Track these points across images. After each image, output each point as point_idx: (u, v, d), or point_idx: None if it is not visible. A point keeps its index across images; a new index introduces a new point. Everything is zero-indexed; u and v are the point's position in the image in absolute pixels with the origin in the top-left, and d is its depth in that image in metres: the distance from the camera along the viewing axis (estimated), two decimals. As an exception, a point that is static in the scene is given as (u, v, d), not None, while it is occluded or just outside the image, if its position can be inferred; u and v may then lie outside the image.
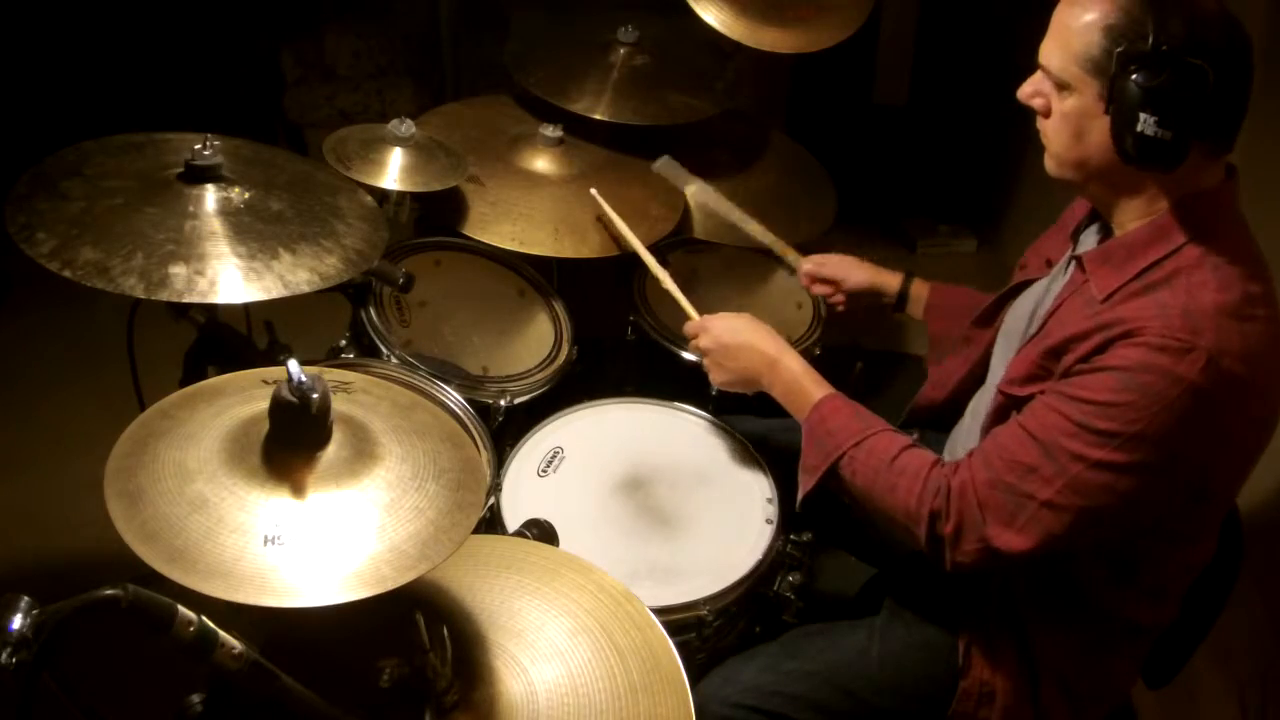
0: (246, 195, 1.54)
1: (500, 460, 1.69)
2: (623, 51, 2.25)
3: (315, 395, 1.03)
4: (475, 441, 1.69)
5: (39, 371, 2.68)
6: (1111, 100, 1.17)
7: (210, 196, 1.51)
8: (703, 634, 1.48)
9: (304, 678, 0.99)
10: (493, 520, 1.56)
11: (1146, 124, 1.14)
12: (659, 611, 1.31)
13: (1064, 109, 1.23)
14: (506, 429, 1.80)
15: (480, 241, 1.97)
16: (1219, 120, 1.18)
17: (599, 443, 1.73)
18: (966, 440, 1.49)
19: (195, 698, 1.12)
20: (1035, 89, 1.27)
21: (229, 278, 1.41)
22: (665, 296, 2.16)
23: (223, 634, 0.93)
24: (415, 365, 1.80)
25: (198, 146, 1.52)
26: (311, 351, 1.91)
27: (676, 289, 1.76)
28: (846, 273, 1.86)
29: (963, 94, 3.26)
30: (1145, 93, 1.14)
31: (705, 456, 1.72)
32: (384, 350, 1.81)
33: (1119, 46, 1.15)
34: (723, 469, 1.70)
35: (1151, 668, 1.48)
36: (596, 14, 2.36)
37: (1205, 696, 1.86)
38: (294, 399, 1.02)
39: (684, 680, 1.14)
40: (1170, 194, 1.22)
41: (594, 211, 2.05)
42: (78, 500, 1.74)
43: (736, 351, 1.56)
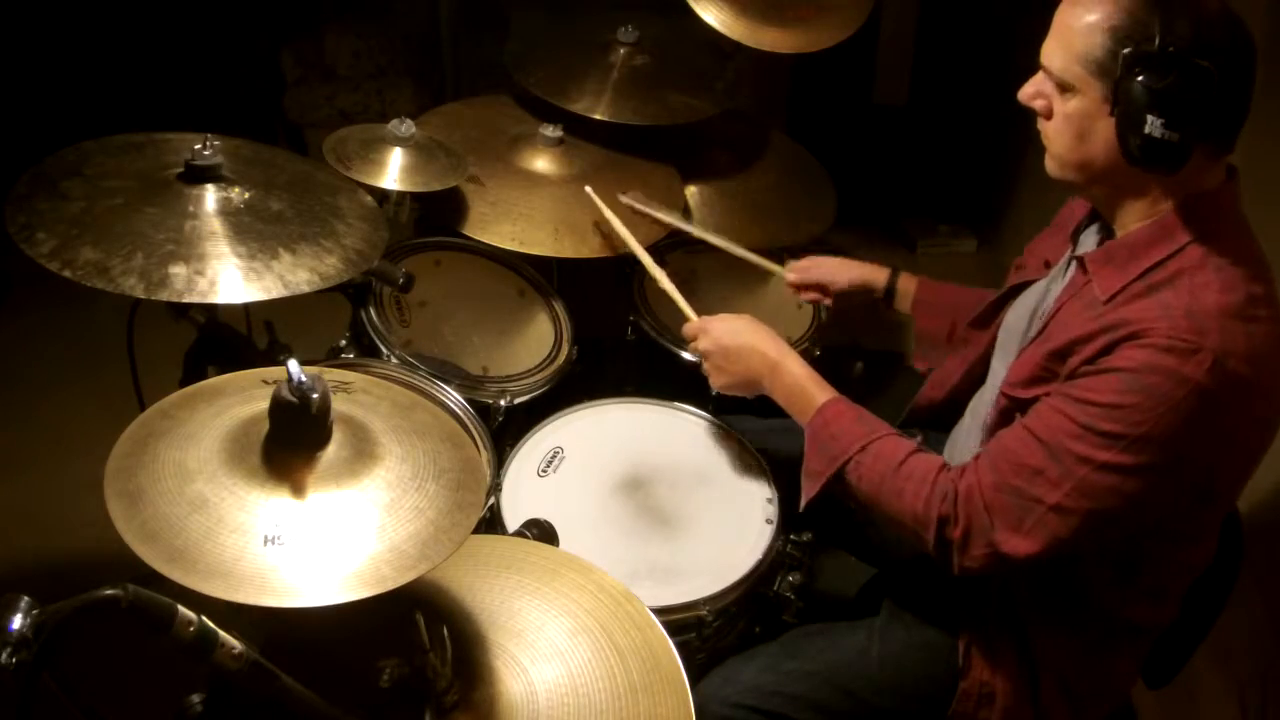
0: (246, 195, 1.54)
1: (500, 460, 1.69)
2: (623, 51, 2.25)
3: (315, 395, 1.03)
4: (475, 441, 1.69)
5: (39, 371, 2.68)
6: (1117, 102, 1.16)
7: (210, 196, 1.51)
8: (703, 634, 1.48)
9: (304, 678, 0.99)
10: (493, 520, 1.56)
11: (1153, 126, 1.13)
12: (659, 611, 1.31)
13: (1066, 110, 1.22)
14: (506, 429, 1.80)
15: (480, 241, 1.97)
16: (1222, 121, 1.17)
17: (599, 443, 1.73)
18: (966, 440, 1.49)
19: (195, 698, 1.12)
20: (1036, 90, 1.26)
21: (229, 278, 1.41)
22: (665, 296, 2.17)
23: (223, 634, 0.93)
24: (415, 365, 1.80)
25: (198, 146, 1.52)
26: (311, 351, 1.91)
27: (674, 289, 1.74)
28: (833, 274, 1.86)
29: (963, 94, 3.26)
30: (1152, 94, 1.13)
31: (705, 456, 1.72)
32: (384, 350, 1.81)
33: (1125, 48, 1.14)
34: (723, 469, 1.70)
35: (1151, 668, 1.48)
36: (596, 14, 2.36)
37: (1205, 696, 1.86)
38: (294, 399, 1.02)
39: (684, 680, 1.14)
40: (1172, 195, 1.21)
41: (594, 212, 2.05)
42: (78, 500, 1.74)
43: (737, 354, 1.54)
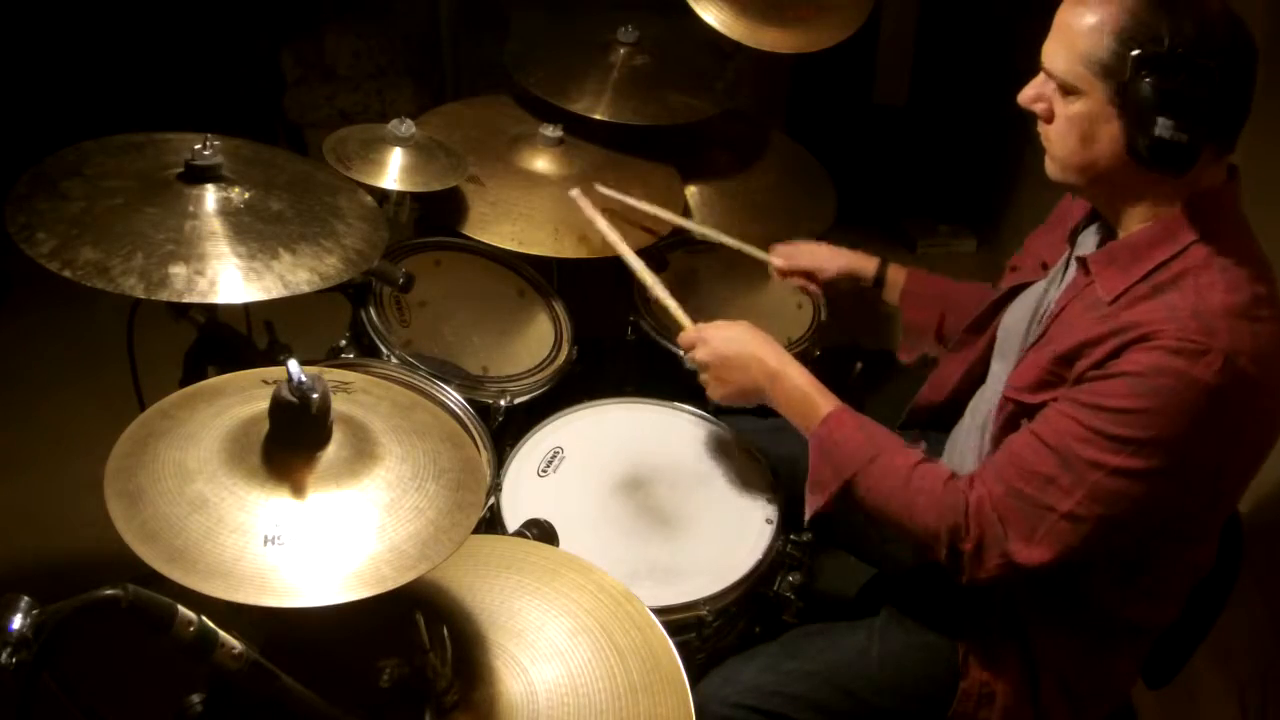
0: (246, 195, 1.54)
1: (500, 460, 1.69)
2: (623, 51, 2.25)
3: (315, 395, 1.03)
4: (475, 441, 1.69)
5: (39, 371, 2.68)
6: (1125, 104, 1.15)
7: (210, 196, 1.51)
8: (703, 634, 1.48)
9: (304, 678, 0.99)
10: (493, 520, 1.56)
11: (1163, 127, 1.13)
12: (659, 611, 1.31)
13: (1069, 113, 1.21)
14: (506, 429, 1.80)
15: (480, 241, 1.97)
16: (1226, 121, 1.17)
17: (599, 443, 1.73)
18: (966, 441, 1.49)
19: (195, 698, 1.12)
20: (1037, 93, 1.25)
21: (229, 278, 1.41)
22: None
23: (223, 634, 0.93)
24: (415, 365, 1.80)
25: (198, 146, 1.52)
26: (311, 351, 1.91)
27: (668, 296, 1.68)
28: (821, 262, 1.84)
29: (963, 94, 3.26)
30: (1162, 95, 1.12)
31: (705, 456, 1.72)
32: (384, 350, 1.81)
33: (1133, 49, 1.13)
34: (723, 469, 1.70)
35: (1151, 668, 1.48)
36: (596, 14, 2.35)
37: (1205, 696, 1.86)
38: (294, 399, 1.02)
39: (684, 680, 1.14)
40: (1175, 195, 1.21)
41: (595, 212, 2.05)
42: (78, 500, 1.74)
43: (737, 364, 1.50)
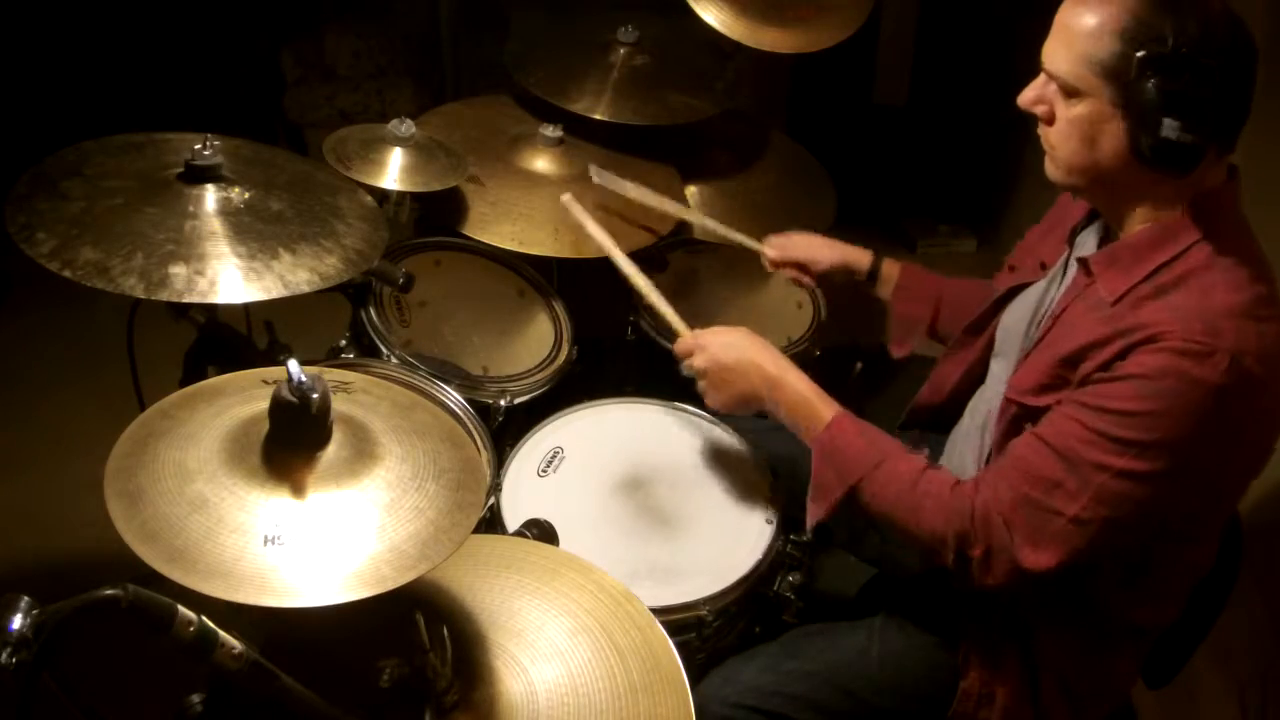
0: (246, 195, 1.54)
1: (500, 460, 1.69)
2: (623, 51, 2.25)
3: (315, 395, 1.03)
4: (475, 441, 1.69)
5: (39, 371, 2.68)
6: (1130, 105, 1.15)
7: (210, 196, 1.51)
8: (703, 634, 1.48)
9: (304, 678, 0.99)
10: (493, 520, 1.56)
11: (1170, 128, 1.12)
12: (659, 611, 1.31)
13: (1072, 115, 1.20)
14: (506, 429, 1.80)
15: (480, 241, 1.97)
16: (1229, 120, 1.17)
17: (599, 443, 1.73)
18: (966, 441, 1.49)
19: (195, 698, 1.12)
20: (1038, 96, 1.24)
21: (229, 278, 1.41)
22: (665, 296, 2.17)
23: (223, 634, 0.93)
24: (415, 365, 1.80)
25: (198, 146, 1.52)
26: (311, 351, 1.91)
27: (662, 301, 1.65)
28: (815, 253, 1.83)
29: (963, 94, 3.26)
30: (1169, 96, 1.12)
31: (705, 456, 1.72)
32: (384, 350, 1.81)
33: (1138, 51, 1.13)
34: (723, 469, 1.70)
35: (1151, 668, 1.48)
36: (596, 14, 2.36)
37: (1205, 696, 1.86)
38: (294, 399, 1.02)
39: (684, 680, 1.14)
40: (1177, 195, 1.20)
41: (595, 212, 2.04)
42: (78, 500, 1.74)
43: (735, 371, 1.48)
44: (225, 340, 1.64)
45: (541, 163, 2.11)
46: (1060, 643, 1.36)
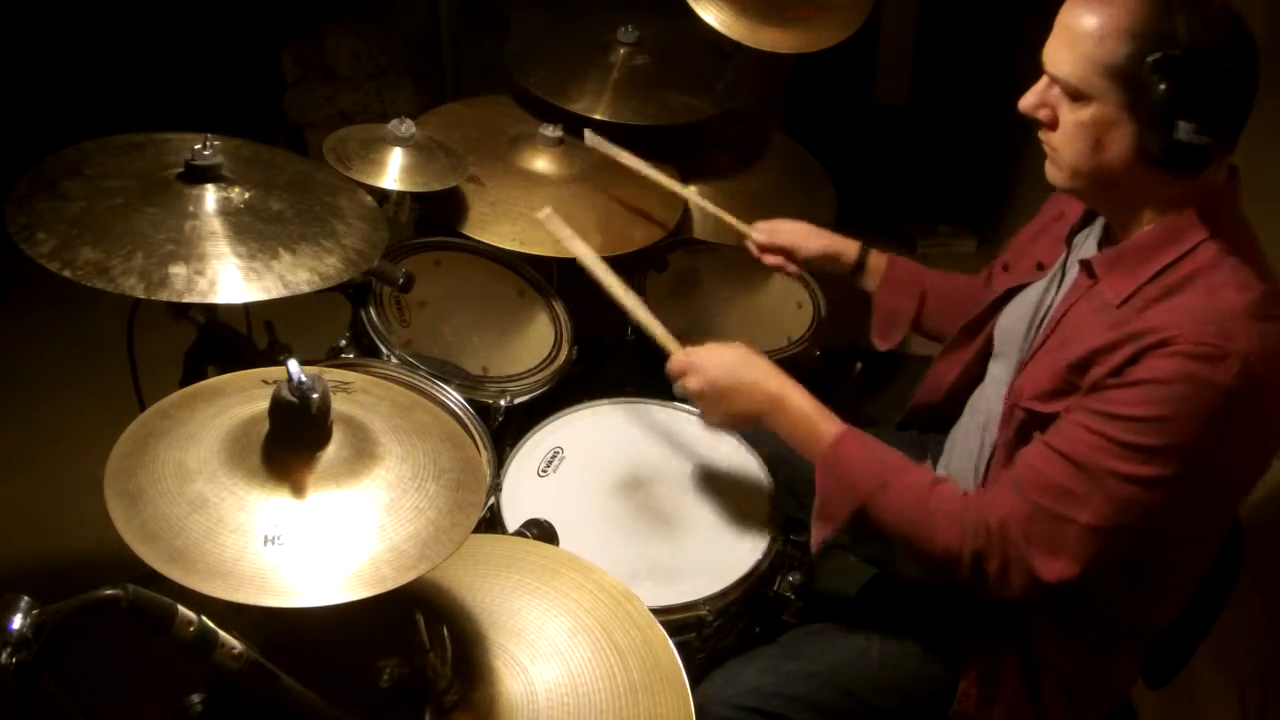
0: (246, 195, 1.54)
1: (500, 460, 1.69)
2: (623, 51, 2.25)
3: (315, 395, 1.03)
4: (475, 441, 1.69)
5: (39, 371, 2.68)
6: (1141, 108, 1.13)
7: (210, 196, 1.51)
8: (703, 634, 1.48)
9: (304, 678, 0.99)
10: (493, 520, 1.56)
11: (1184, 130, 1.11)
12: (659, 611, 1.31)
13: (1079, 119, 1.19)
14: (506, 429, 1.80)
15: (480, 241, 1.97)
16: (1236, 120, 1.16)
17: (599, 443, 1.73)
18: (966, 440, 1.49)
19: (195, 698, 1.12)
20: (1040, 99, 1.22)
21: (229, 278, 1.41)
22: (665, 296, 2.17)
23: (223, 634, 0.93)
24: (415, 365, 1.80)
25: (198, 146, 1.52)
26: (311, 351, 1.91)
27: (651, 319, 1.60)
28: (801, 241, 1.80)
29: (963, 94, 3.26)
30: (1182, 98, 1.11)
31: (705, 456, 1.72)
32: (384, 350, 1.81)
33: (1150, 53, 1.11)
34: (723, 469, 1.70)
35: (1151, 668, 1.48)
36: (596, 14, 2.36)
37: (1205, 696, 1.86)
38: (294, 399, 1.02)
39: (684, 680, 1.14)
40: (1180, 196, 1.20)
41: (594, 211, 2.05)
42: (78, 500, 1.74)
43: (735, 391, 1.43)
44: (225, 340, 1.64)
45: (541, 163, 2.11)
46: (1060, 643, 1.36)
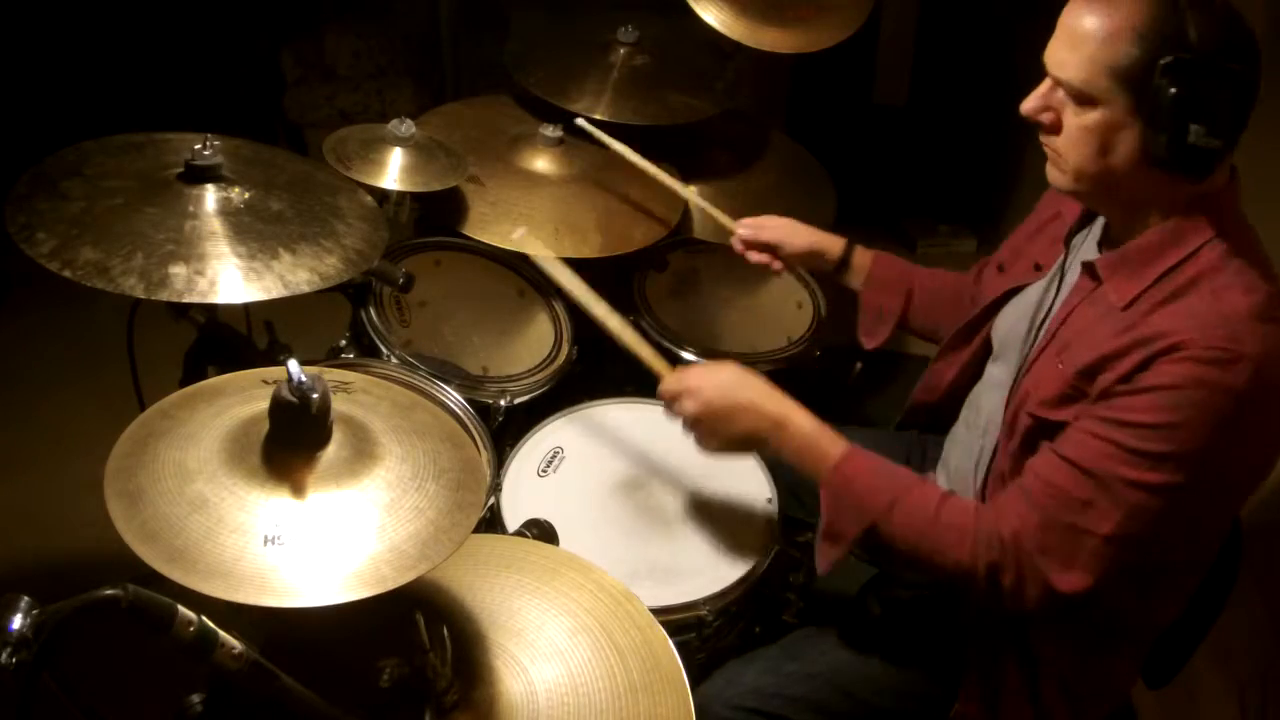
0: (246, 195, 1.54)
1: (500, 460, 1.69)
2: (623, 51, 2.25)
3: (315, 395, 1.03)
4: (475, 441, 1.69)
5: (39, 371, 2.68)
6: (1151, 112, 1.12)
7: (210, 196, 1.51)
8: (703, 634, 1.48)
9: (304, 678, 0.99)
10: (493, 520, 1.57)
11: (1197, 134, 1.10)
12: (659, 611, 1.31)
13: (1086, 123, 1.17)
14: (506, 429, 1.80)
15: (480, 241, 1.97)
16: (1243, 121, 1.15)
17: (599, 443, 1.73)
18: (965, 441, 1.49)
19: (195, 698, 1.12)
20: (1043, 103, 1.21)
21: (229, 278, 1.41)
22: (665, 296, 2.17)
23: (223, 634, 0.93)
24: (415, 365, 1.80)
25: (198, 146, 1.52)
26: (311, 351, 1.91)
27: (637, 340, 1.56)
28: (785, 237, 1.78)
29: (963, 94, 3.26)
30: (1194, 102, 1.10)
31: (705, 456, 1.72)
32: (384, 350, 1.81)
33: (1162, 56, 1.10)
34: (723, 469, 1.69)
35: (1151, 668, 1.48)
36: (596, 14, 2.36)
37: (1205, 696, 1.86)
38: (294, 399, 1.02)
39: (684, 680, 1.14)
40: (1184, 197, 1.19)
41: (594, 211, 2.05)
42: (78, 500, 1.74)
43: (734, 413, 1.37)
44: (225, 340, 1.64)
45: (541, 163, 2.11)
46: (1060, 643, 1.36)
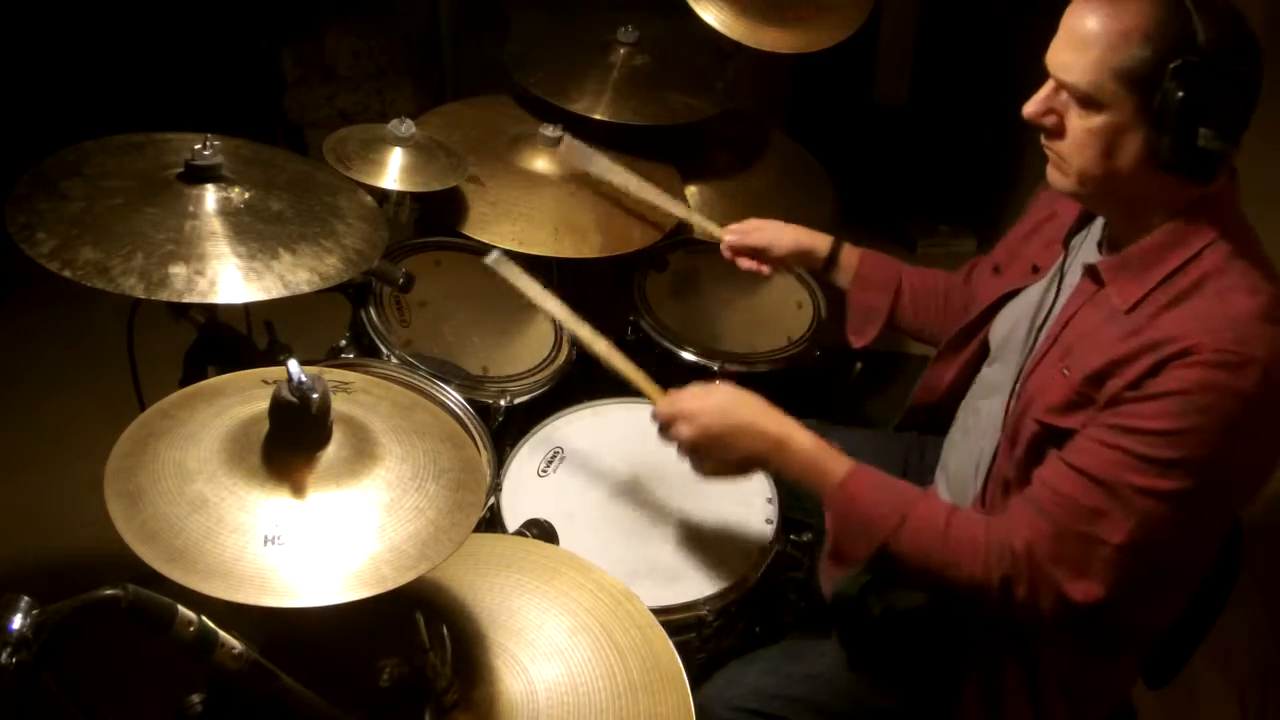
0: (246, 195, 1.54)
1: (500, 460, 1.69)
2: (623, 51, 2.25)
3: (315, 395, 1.03)
4: (475, 441, 1.69)
5: (39, 371, 2.68)
6: (1160, 115, 1.11)
7: (210, 196, 1.51)
8: (703, 634, 1.48)
9: (304, 678, 0.99)
10: (493, 520, 1.57)
11: (1206, 137, 1.10)
12: (659, 611, 1.31)
13: (1091, 126, 1.15)
14: (506, 429, 1.80)
15: (480, 241, 1.97)
16: (1247, 122, 1.15)
17: (599, 443, 1.73)
18: (964, 443, 1.49)
19: (195, 698, 1.12)
20: (1047, 107, 1.19)
21: (229, 278, 1.41)
22: (665, 296, 2.17)
23: (223, 634, 0.93)
24: (415, 365, 1.80)
25: (198, 146, 1.52)
26: (311, 351, 1.91)
27: (624, 361, 1.52)
28: (772, 239, 1.77)
29: (963, 94, 3.26)
30: (1204, 105, 1.09)
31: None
32: (384, 350, 1.82)
33: (1172, 59, 1.09)
34: (723, 469, 1.69)
35: (1151, 668, 1.48)
36: (596, 14, 2.36)
37: (1205, 696, 1.86)
38: (294, 399, 1.02)
39: (684, 679, 1.14)
40: (1186, 198, 1.18)
41: (594, 211, 2.05)
42: (78, 500, 1.74)
43: (733, 435, 1.33)
44: (225, 340, 1.64)
45: (541, 163, 2.11)
46: (1060, 643, 1.36)
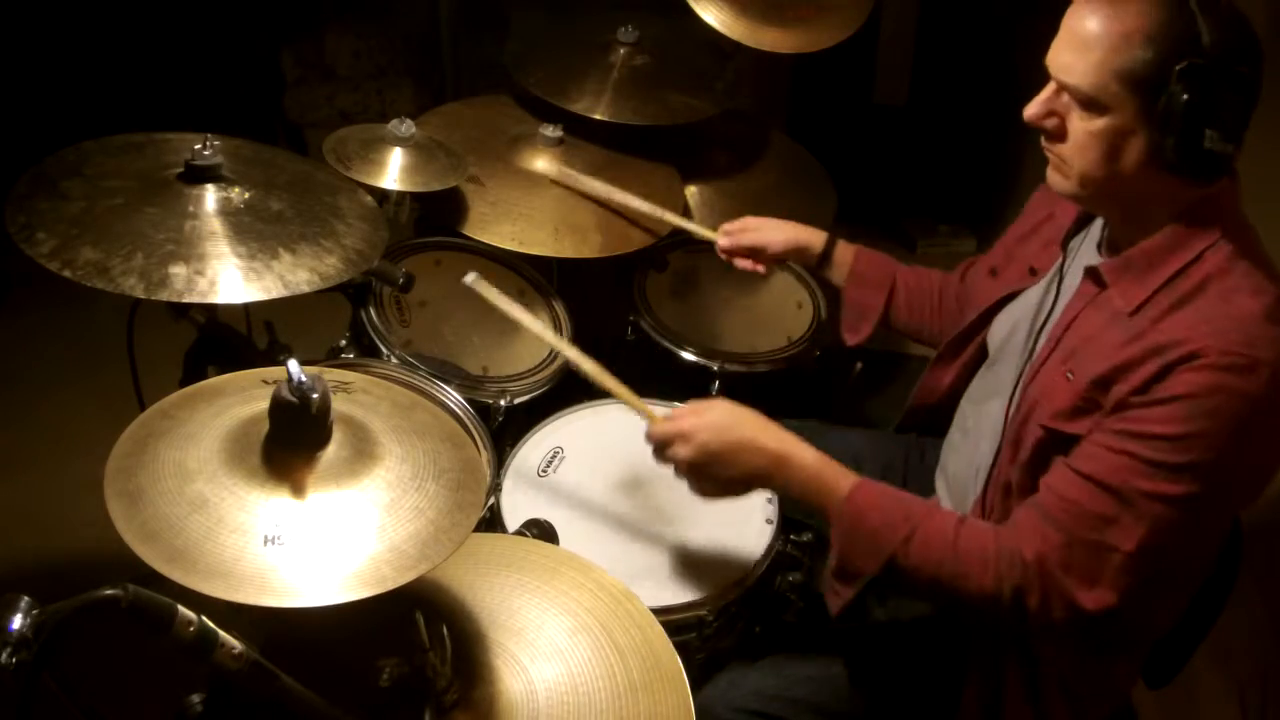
0: (246, 195, 1.54)
1: (500, 460, 1.69)
2: (623, 51, 2.25)
3: (315, 395, 1.03)
4: (475, 441, 1.69)
5: (39, 371, 2.68)
6: (1164, 117, 1.10)
7: (210, 196, 1.51)
8: (703, 634, 1.48)
9: (304, 678, 0.99)
10: (493, 520, 1.56)
11: (1212, 139, 1.09)
12: (659, 611, 1.31)
13: (1094, 128, 1.15)
14: (506, 429, 1.80)
15: (480, 241, 1.97)
16: (1248, 122, 1.14)
17: (599, 443, 1.73)
18: (963, 446, 1.49)
19: (195, 698, 1.12)
20: (1048, 109, 1.19)
21: (229, 278, 1.41)
22: (665, 296, 2.17)
23: (223, 634, 0.93)
24: (415, 365, 1.80)
25: (198, 146, 1.52)
26: (311, 351, 1.91)
27: (615, 382, 1.48)
28: (766, 238, 1.78)
29: (963, 94, 3.26)
30: (1210, 107, 1.08)
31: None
32: (384, 350, 1.81)
33: (1177, 61, 1.08)
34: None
35: (1151, 668, 1.48)
36: (596, 14, 2.36)
37: (1205, 696, 1.86)
38: (294, 399, 1.02)
39: (684, 679, 1.14)
40: (1188, 200, 1.18)
41: (594, 211, 2.05)
42: (78, 500, 1.74)
43: (733, 453, 1.30)
44: (225, 340, 1.64)
45: (541, 163, 2.11)
46: (1060, 644, 1.36)
